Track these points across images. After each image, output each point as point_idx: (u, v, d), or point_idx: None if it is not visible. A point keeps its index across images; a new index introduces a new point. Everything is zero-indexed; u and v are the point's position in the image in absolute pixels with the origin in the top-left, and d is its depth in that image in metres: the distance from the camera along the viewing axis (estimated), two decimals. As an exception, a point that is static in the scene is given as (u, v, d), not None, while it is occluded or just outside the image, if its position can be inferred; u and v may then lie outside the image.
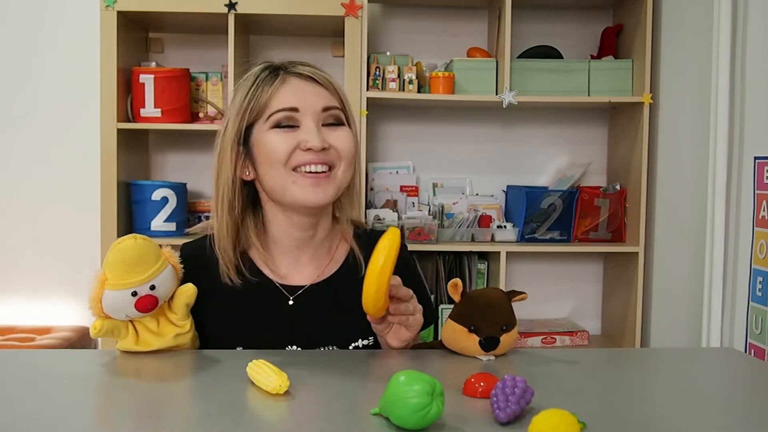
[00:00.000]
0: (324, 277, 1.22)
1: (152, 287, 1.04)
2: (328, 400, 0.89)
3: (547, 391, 0.93)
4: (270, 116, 1.11)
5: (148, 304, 1.04)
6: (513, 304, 1.13)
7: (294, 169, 1.11)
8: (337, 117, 1.15)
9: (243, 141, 1.14)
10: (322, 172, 1.12)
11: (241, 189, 1.16)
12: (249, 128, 1.14)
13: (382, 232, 1.06)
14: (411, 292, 1.10)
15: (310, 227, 1.19)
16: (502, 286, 2.25)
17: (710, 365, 1.16)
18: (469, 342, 1.08)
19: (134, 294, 1.03)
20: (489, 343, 1.08)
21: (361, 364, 1.08)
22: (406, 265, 1.25)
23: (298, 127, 1.12)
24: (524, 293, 1.13)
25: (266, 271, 1.20)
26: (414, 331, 1.11)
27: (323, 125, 1.13)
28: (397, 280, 1.08)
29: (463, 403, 0.87)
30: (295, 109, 1.11)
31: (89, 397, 0.90)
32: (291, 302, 1.19)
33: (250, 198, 1.20)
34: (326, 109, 1.13)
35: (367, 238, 1.24)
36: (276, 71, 1.15)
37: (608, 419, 0.83)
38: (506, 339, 1.09)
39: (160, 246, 1.09)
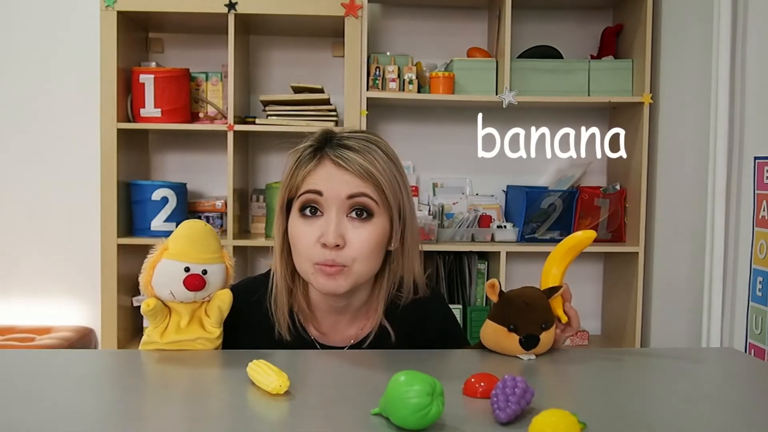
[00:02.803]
0: (361, 337, 1.22)
1: (204, 271, 1.07)
2: (328, 400, 0.89)
3: (547, 391, 0.93)
4: (299, 196, 1.12)
5: (195, 282, 1.06)
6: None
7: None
8: (363, 205, 1.10)
9: (286, 212, 1.17)
10: (335, 266, 1.10)
11: (289, 252, 1.17)
12: (290, 201, 1.16)
13: (420, 307, 1.19)
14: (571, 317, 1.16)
15: (341, 299, 1.19)
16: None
17: (710, 365, 1.16)
18: (510, 341, 1.09)
19: (186, 269, 1.06)
20: (529, 342, 1.08)
21: (361, 364, 1.08)
22: (446, 322, 1.29)
23: (322, 214, 1.11)
24: (561, 286, 1.13)
25: (310, 330, 1.21)
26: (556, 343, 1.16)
27: (348, 216, 1.11)
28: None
29: (464, 403, 0.87)
30: (319, 193, 1.10)
31: (89, 397, 0.90)
32: None
33: None
34: (351, 196, 1.10)
35: (403, 311, 1.22)
36: (317, 151, 1.13)
37: (608, 419, 0.83)
38: (546, 337, 1.09)
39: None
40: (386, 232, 1.13)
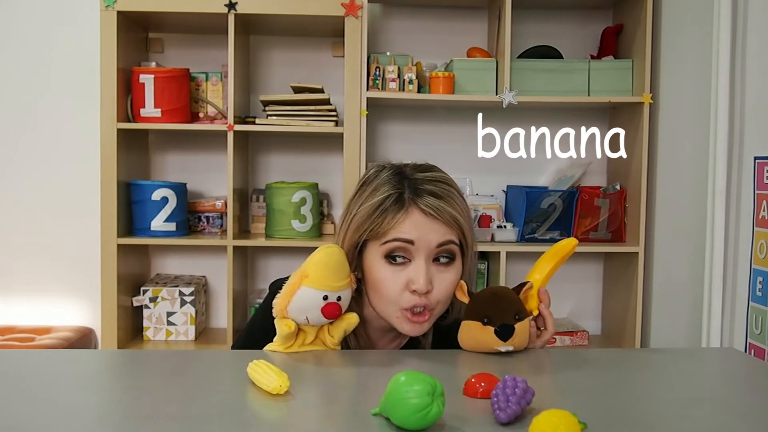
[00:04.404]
0: (401, 345, 1.26)
1: (339, 298, 1.09)
2: (328, 400, 0.89)
3: (547, 391, 0.93)
4: (386, 242, 1.13)
5: (334, 311, 1.08)
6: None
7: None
8: (450, 252, 1.15)
9: (358, 252, 1.18)
10: (421, 312, 1.14)
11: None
12: (365, 242, 1.17)
13: (454, 325, 1.16)
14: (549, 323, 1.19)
15: None
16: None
17: (710, 365, 1.16)
18: (485, 334, 1.09)
19: (325, 298, 1.08)
20: (504, 331, 1.08)
21: (361, 364, 1.08)
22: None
23: (410, 261, 1.13)
24: (527, 282, 1.16)
25: (352, 338, 1.22)
26: (532, 345, 1.17)
27: (434, 260, 1.15)
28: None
29: (464, 403, 0.87)
30: (411, 242, 1.13)
31: (89, 397, 0.90)
32: None
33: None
34: (441, 245, 1.14)
35: (440, 329, 1.24)
36: (401, 198, 1.15)
37: (608, 419, 0.83)
38: (521, 327, 1.09)
39: None
40: (461, 271, 1.18)
